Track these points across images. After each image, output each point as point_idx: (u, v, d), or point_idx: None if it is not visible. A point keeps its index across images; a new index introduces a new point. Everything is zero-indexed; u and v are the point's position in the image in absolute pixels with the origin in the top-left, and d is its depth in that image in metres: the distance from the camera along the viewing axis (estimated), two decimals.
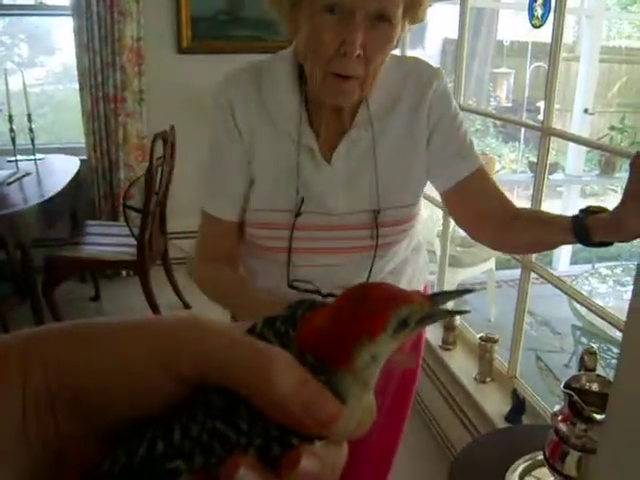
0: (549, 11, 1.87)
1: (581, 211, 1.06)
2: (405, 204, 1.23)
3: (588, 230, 1.03)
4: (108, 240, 3.50)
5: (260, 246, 1.24)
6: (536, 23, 1.92)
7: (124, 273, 4.08)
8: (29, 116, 3.67)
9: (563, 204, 5.59)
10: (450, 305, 1.04)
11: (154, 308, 3.38)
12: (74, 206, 3.76)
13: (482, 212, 1.25)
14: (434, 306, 0.35)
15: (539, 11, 1.90)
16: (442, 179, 1.27)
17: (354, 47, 1.01)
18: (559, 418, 1.30)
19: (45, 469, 0.30)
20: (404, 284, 1.30)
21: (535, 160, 2.19)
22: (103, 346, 0.31)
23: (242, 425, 0.30)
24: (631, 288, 0.99)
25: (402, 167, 1.21)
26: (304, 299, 0.36)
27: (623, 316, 1.00)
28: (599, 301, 3.31)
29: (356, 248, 1.22)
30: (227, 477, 0.28)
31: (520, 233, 1.20)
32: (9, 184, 3.36)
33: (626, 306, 0.97)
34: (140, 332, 0.32)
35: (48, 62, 8.31)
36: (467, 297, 4.69)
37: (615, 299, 4.43)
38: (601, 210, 1.04)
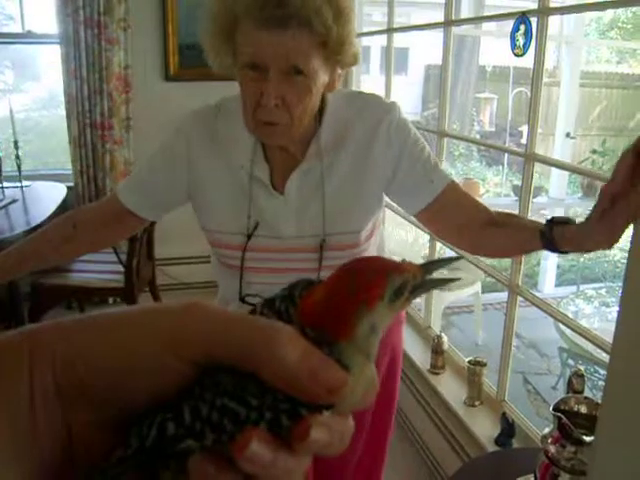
0: (530, 40, 1.92)
1: (548, 221, 1.11)
2: (349, 230, 1.31)
3: (555, 240, 1.09)
4: (95, 267, 3.48)
5: (224, 263, 1.38)
6: (518, 52, 1.97)
7: (111, 300, 4.05)
8: (16, 143, 3.67)
9: None
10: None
11: None
12: None
13: (459, 223, 1.32)
14: (426, 275, 0.36)
15: (521, 40, 1.95)
16: (413, 203, 1.34)
17: (269, 99, 1.13)
18: (549, 440, 1.31)
19: (54, 461, 0.31)
20: None
21: (519, 183, 2.22)
22: (110, 334, 0.32)
23: (251, 400, 0.30)
24: (616, 309, 1.01)
25: (349, 198, 1.30)
26: (301, 279, 0.37)
27: (609, 337, 1.02)
28: (585, 322, 3.34)
29: (303, 269, 1.32)
30: (239, 451, 0.29)
31: (496, 239, 1.26)
32: None
33: (611, 327, 0.98)
34: (146, 318, 0.33)
35: (33, 88, 8.32)
36: (455, 320, 4.72)
37: (600, 320, 4.46)
38: (568, 220, 1.09)
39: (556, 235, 1.08)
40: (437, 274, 0.37)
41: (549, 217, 1.12)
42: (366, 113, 1.29)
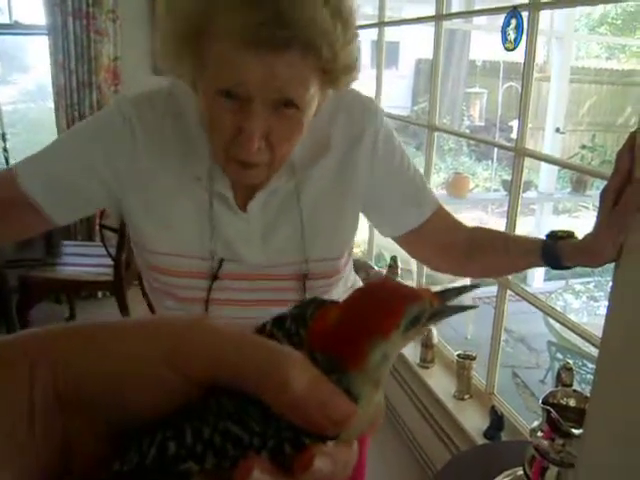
0: (521, 35, 1.92)
1: (549, 236, 1.05)
2: (335, 255, 1.11)
3: (559, 255, 1.01)
4: (84, 260, 3.46)
5: (172, 295, 1.08)
6: (509, 47, 1.97)
7: (100, 294, 4.04)
8: (3, 135, 3.64)
9: (536, 221, 5.67)
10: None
11: None
12: None
13: (442, 246, 1.19)
14: (443, 302, 0.35)
15: (512, 35, 1.95)
16: (394, 227, 1.19)
17: (251, 141, 0.87)
18: (538, 434, 1.32)
19: (49, 467, 0.30)
20: None
21: (508, 178, 2.23)
22: (110, 345, 0.31)
23: (255, 426, 0.29)
24: (604, 303, 1.01)
25: (332, 215, 1.10)
26: (314, 297, 0.36)
27: (597, 332, 1.02)
28: (573, 316, 3.36)
29: (281, 301, 1.09)
30: (241, 479, 0.28)
31: (484, 259, 1.14)
32: None
33: (599, 321, 0.99)
34: (149, 332, 0.32)
35: (21, 80, 8.25)
36: None
37: (589, 314, 4.49)
38: (569, 234, 1.03)
39: (561, 249, 1.01)
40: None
41: (551, 231, 1.05)
42: (346, 118, 1.08)
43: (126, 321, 0.33)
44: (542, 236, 1.07)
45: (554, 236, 1.04)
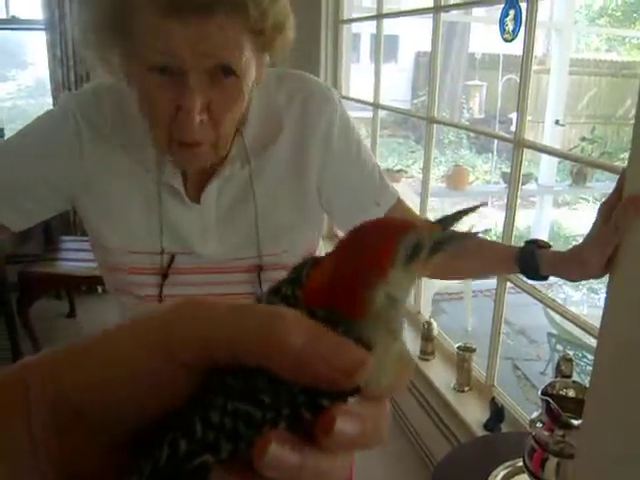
0: (520, 26, 1.92)
1: (528, 243, 1.04)
2: (290, 248, 1.05)
3: (538, 263, 1.00)
4: (83, 255, 3.45)
5: (131, 294, 1.06)
6: (507, 37, 1.96)
7: (100, 289, 4.04)
8: (2, 131, 3.64)
9: (537, 214, 5.67)
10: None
11: None
12: (48, 221, 3.72)
13: None
14: (445, 229, 0.32)
15: (510, 26, 1.94)
16: (353, 223, 1.13)
17: (191, 116, 0.83)
18: (537, 425, 1.32)
19: None
20: None
21: (508, 171, 2.22)
22: (99, 351, 0.30)
23: (265, 399, 0.27)
24: (604, 296, 1.01)
25: (290, 205, 1.05)
26: (308, 258, 0.33)
27: (597, 323, 1.02)
28: (574, 309, 3.36)
29: (236, 294, 1.06)
30: (258, 459, 0.26)
31: (450, 262, 1.05)
32: None
33: (600, 313, 0.99)
34: (137, 330, 0.30)
35: (20, 76, 8.24)
36: (445, 307, 4.73)
37: (589, 306, 4.49)
38: (546, 245, 1.02)
39: (541, 258, 0.99)
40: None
41: (531, 239, 1.04)
42: (301, 104, 1.02)
43: (116, 326, 0.31)
44: (542, 229, 1.08)
45: (534, 244, 1.03)
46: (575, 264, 0.97)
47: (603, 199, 0.97)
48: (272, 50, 0.91)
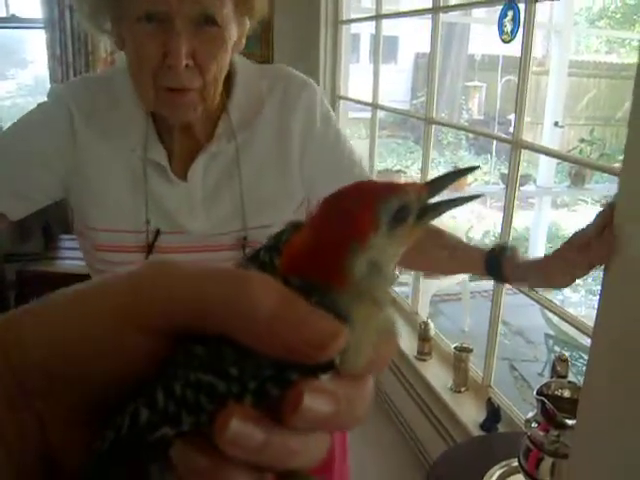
0: (518, 26, 1.92)
1: (494, 248, 1.05)
2: (274, 223, 1.06)
3: (501, 267, 1.02)
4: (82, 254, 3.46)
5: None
6: (506, 38, 1.97)
7: None
8: (1, 129, 3.63)
9: (535, 215, 5.67)
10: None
11: None
12: (47, 220, 3.72)
13: None
14: (435, 193, 0.30)
15: (508, 27, 1.95)
16: None
17: (178, 59, 0.89)
18: (532, 425, 1.32)
19: (30, 470, 0.27)
20: None
21: (507, 172, 2.23)
22: (65, 310, 0.28)
23: (230, 370, 0.25)
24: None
25: (274, 181, 1.08)
26: (289, 223, 0.32)
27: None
28: (571, 310, 3.37)
29: None
30: (219, 434, 0.24)
31: (421, 256, 1.07)
32: None
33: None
34: (103, 290, 0.28)
35: (19, 75, 8.24)
36: (443, 308, 4.74)
37: (587, 308, 4.50)
38: (512, 250, 1.04)
39: (504, 262, 1.02)
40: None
41: (499, 244, 1.07)
42: (283, 89, 1.08)
43: (88, 284, 0.29)
44: (540, 231, 1.10)
45: (502, 249, 1.04)
46: (540, 276, 1.01)
47: (601, 204, 0.99)
48: (252, 13, 0.98)
